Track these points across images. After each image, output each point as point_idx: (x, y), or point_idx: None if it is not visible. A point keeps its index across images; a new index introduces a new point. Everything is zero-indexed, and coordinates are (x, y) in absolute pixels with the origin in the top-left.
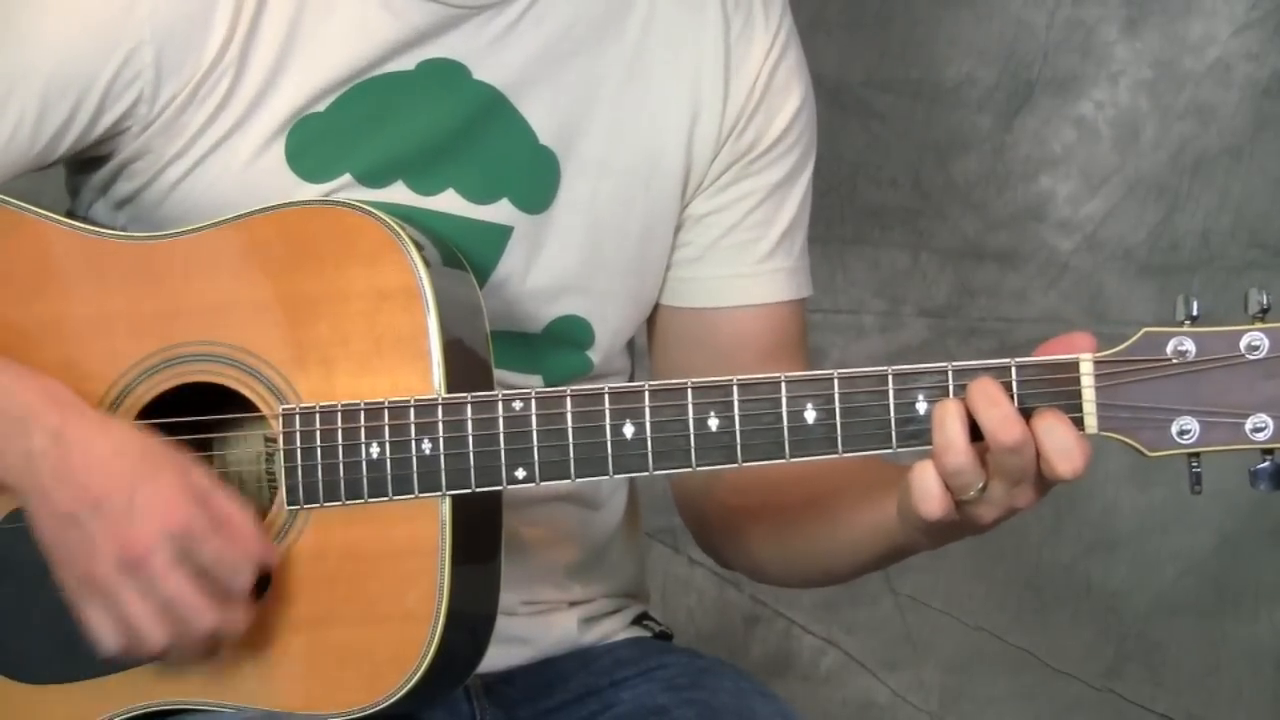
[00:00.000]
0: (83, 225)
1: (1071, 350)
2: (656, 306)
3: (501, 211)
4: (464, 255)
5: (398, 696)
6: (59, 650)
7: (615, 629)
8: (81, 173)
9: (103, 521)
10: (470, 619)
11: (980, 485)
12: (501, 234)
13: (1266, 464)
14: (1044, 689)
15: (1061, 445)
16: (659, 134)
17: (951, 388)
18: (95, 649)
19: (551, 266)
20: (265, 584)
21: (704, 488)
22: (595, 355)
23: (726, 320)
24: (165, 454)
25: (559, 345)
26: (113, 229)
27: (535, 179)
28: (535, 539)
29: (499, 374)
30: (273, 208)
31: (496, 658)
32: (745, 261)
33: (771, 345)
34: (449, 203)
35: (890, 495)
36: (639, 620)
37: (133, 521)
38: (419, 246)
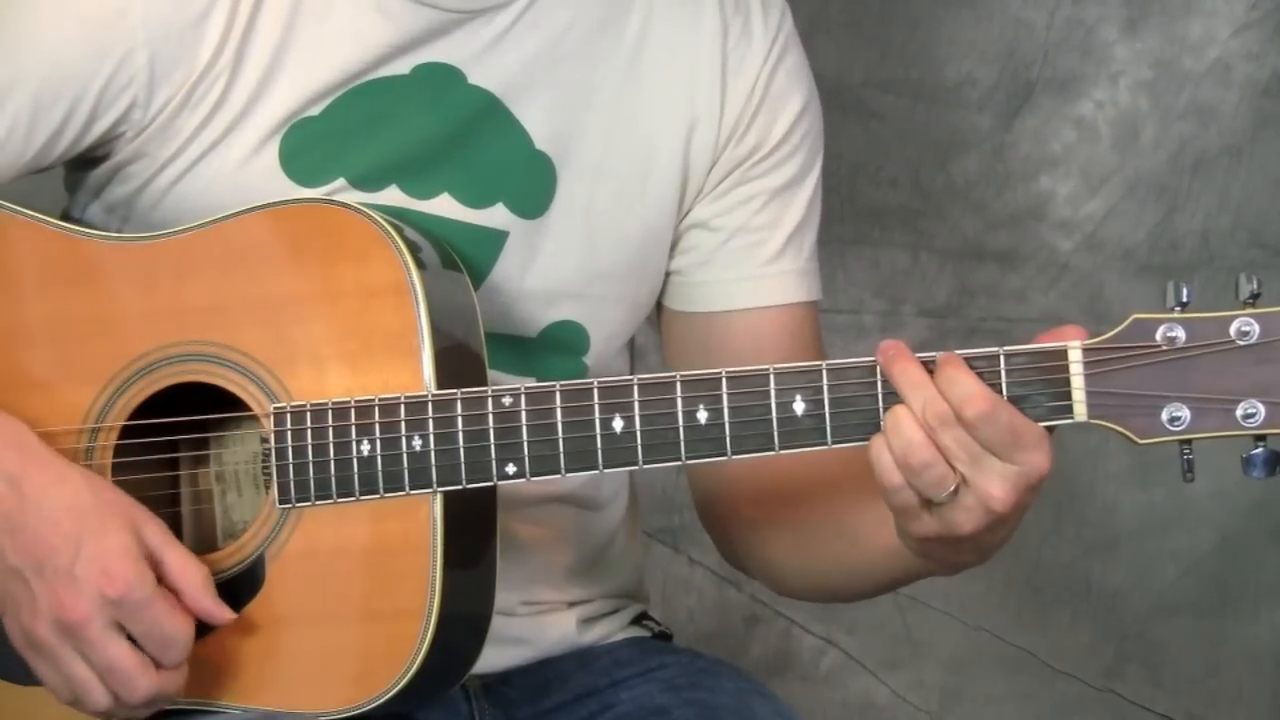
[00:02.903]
0: (74, 227)
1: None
2: (667, 312)
3: (497, 216)
4: (460, 258)
5: (391, 695)
6: None
7: (614, 629)
8: (79, 171)
9: (44, 582)
10: (464, 617)
11: (951, 488)
12: (497, 238)
13: (1259, 450)
14: (1044, 689)
15: (964, 392)
16: (655, 139)
17: None
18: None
19: (547, 271)
20: (256, 589)
21: (724, 497)
22: (590, 360)
23: (737, 323)
24: (118, 510)
25: (553, 350)
26: (106, 231)
27: (531, 184)
28: (534, 540)
29: (492, 375)
30: (262, 206)
31: (495, 658)
32: (753, 263)
33: (785, 348)
34: (444, 207)
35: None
36: (638, 620)
37: (72, 586)
38: (415, 247)
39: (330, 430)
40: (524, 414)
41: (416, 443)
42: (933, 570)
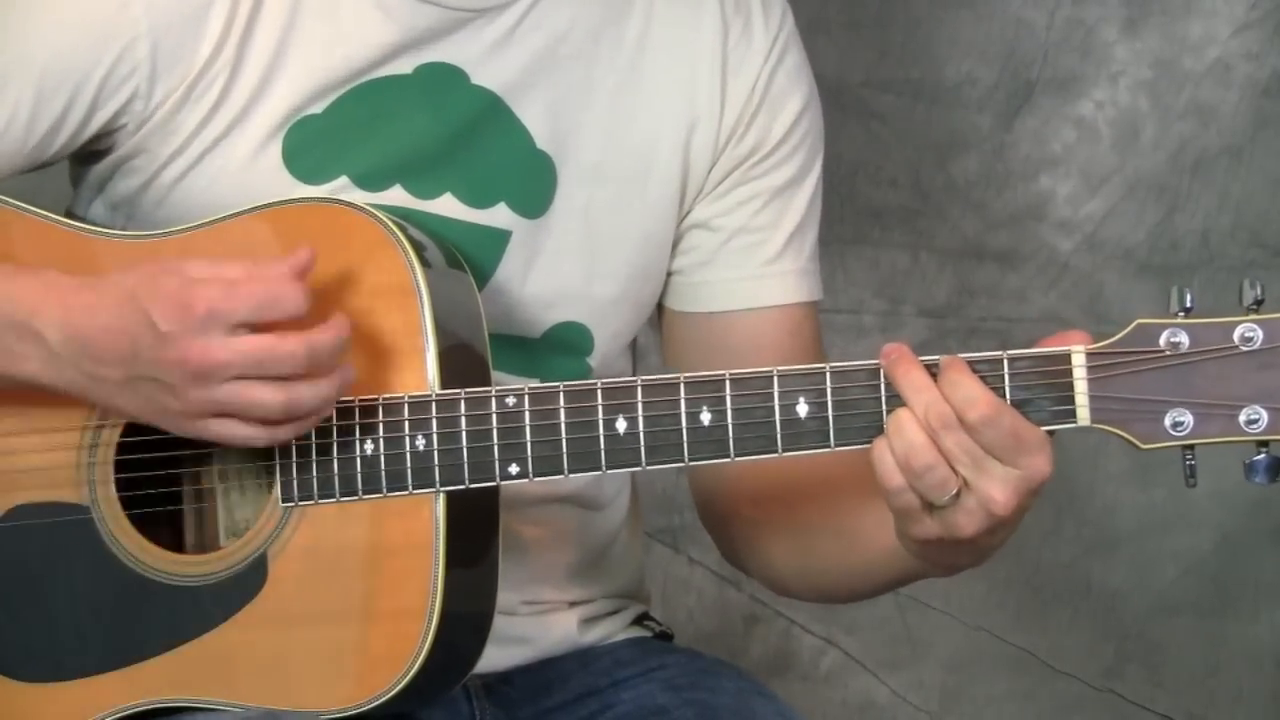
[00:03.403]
0: (79, 224)
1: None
2: (668, 312)
3: (499, 216)
4: (464, 258)
5: (392, 694)
6: (54, 649)
7: (615, 629)
8: (82, 166)
9: (150, 365)
10: (466, 616)
11: (953, 491)
12: (500, 238)
13: (1262, 456)
14: (1044, 689)
15: (967, 396)
16: (655, 140)
17: None
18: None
19: (550, 271)
20: (258, 588)
21: (724, 497)
22: (594, 361)
23: (737, 323)
24: (155, 269)
25: (557, 351)
26: (110, 229)
27: (532, 184)
28: (536, 539)
29: (496, 377)
30: (267, 205)
31: (496, 658)
32: (753, 263)
33: (785, 348)
34: (447, 206)
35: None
36: (639, 621)
37: (170, 343)
38: (420, 247)
39: (334, 429)
40: (528, 414)
41: (420, 442)
42: (930, 572)
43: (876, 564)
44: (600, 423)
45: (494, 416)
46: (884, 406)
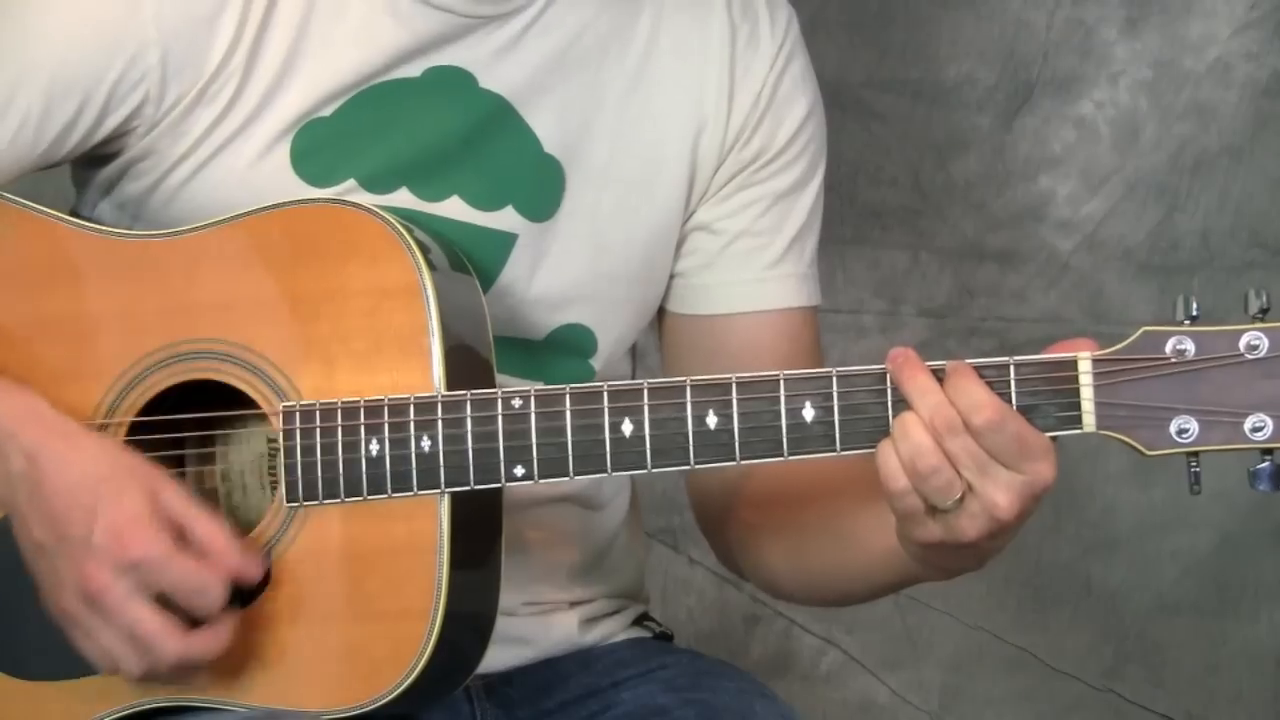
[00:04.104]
0: (85, 223)
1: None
2: (667, 314)
3: (506, 219)
4: (469, 260)
5: (396, 694)
6: (56, 647)
7: (616, 630)
8: (88, 168)
9: (66, 556)
10: (470, 618)
11: (957, 495)
12: (506, 241)
13: (1266, 464)
14: (1044, 689)
15: (973, 401)
16: (663, 143)
17: None
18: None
19: (556, 274)
20: (261, 588)
21: (722, 501)
22: (597, 363)
23: (737, 327)
24: (136, 474)
25: (561, 353)
26: (117, 229)
27: (540, 187)
28: (537, 539)
29: (500, 379)
30: (275, 206)
31: (497, 658)
32: (754, 267)
33: (783, 352)
34: (454, 209)
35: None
36: (640, 621)
37: (90, 555)
38: (425, 249)
39: (339, 430)
40: (533, 416)
41: (425, 443)
42: (929, 576)
43: (874, 567)
44: (606, 425)
45: (499, 418)
46: (890, 411)
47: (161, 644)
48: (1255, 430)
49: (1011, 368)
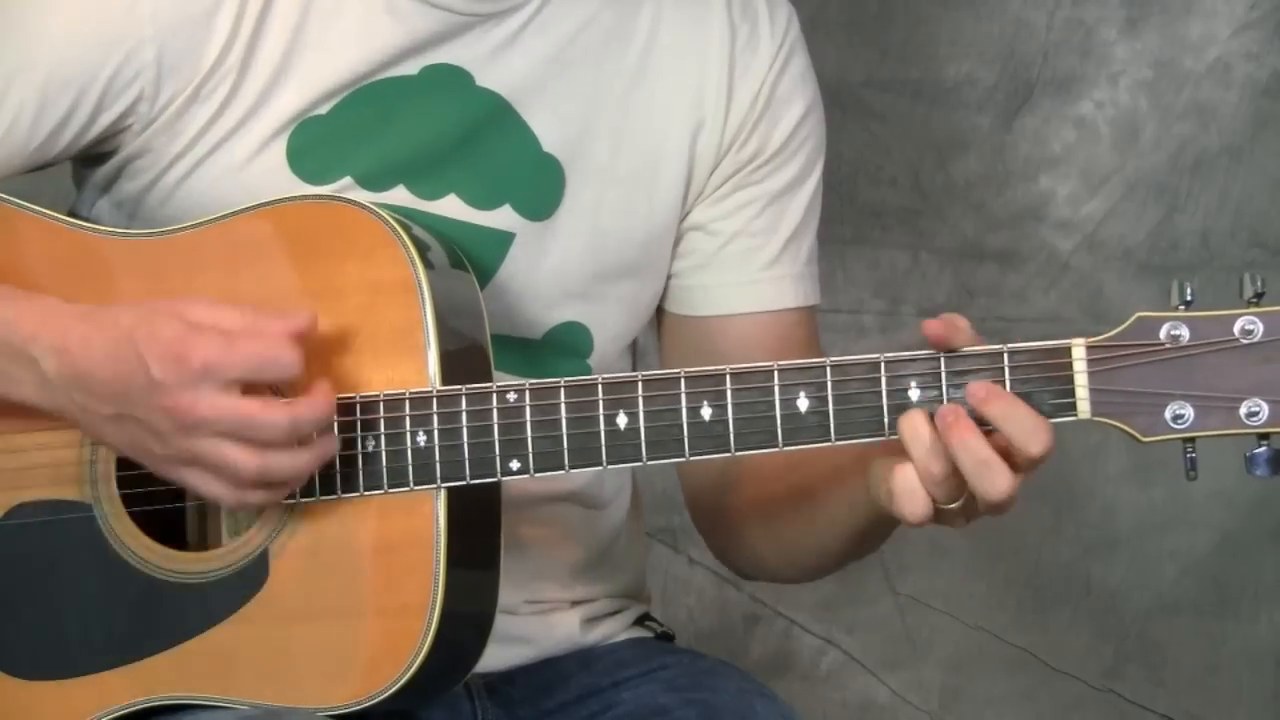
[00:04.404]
0: (82, 222)
1: None
2: (664, 314)
3: (503, 218)
4: (466, 258)
5: (393, 690)
6: (55, 646)
7: (617, 629)
8: (86, 167)
9: (140, 408)
10: (468, 614)
11: (962, 498)
12: (503, 240)
13: (1262, 449)
14: (1044, 689)
15: (1026, 428)
16: (662, 143)
17: (944, 375)
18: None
19: (553, 273)
20: (259, 585)
21: (712, 495)
22: (593, 361)
23: (732, 327)
24: (157, 308)
25: (558, 352)
26: (114, 227)
27: (539, 186)
28: (538, 538)
29: (497, 377)
30: (271, 203)
31: (498, 657)
32: (750, 268)
33: (776, 352)
34: (451, 208)
35: (857, 468)
36: (641, 621)
37: (162, 391)
38: (422, 246)
39: (335, 426)
40: (528, 410)
41: (421, 439)
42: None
43: (839, 516)
44: (601, 418)
45: (495, 412)
46: (885, 400)
47: (271, 415)
48: (1251, 415)
49: (1005, 355)
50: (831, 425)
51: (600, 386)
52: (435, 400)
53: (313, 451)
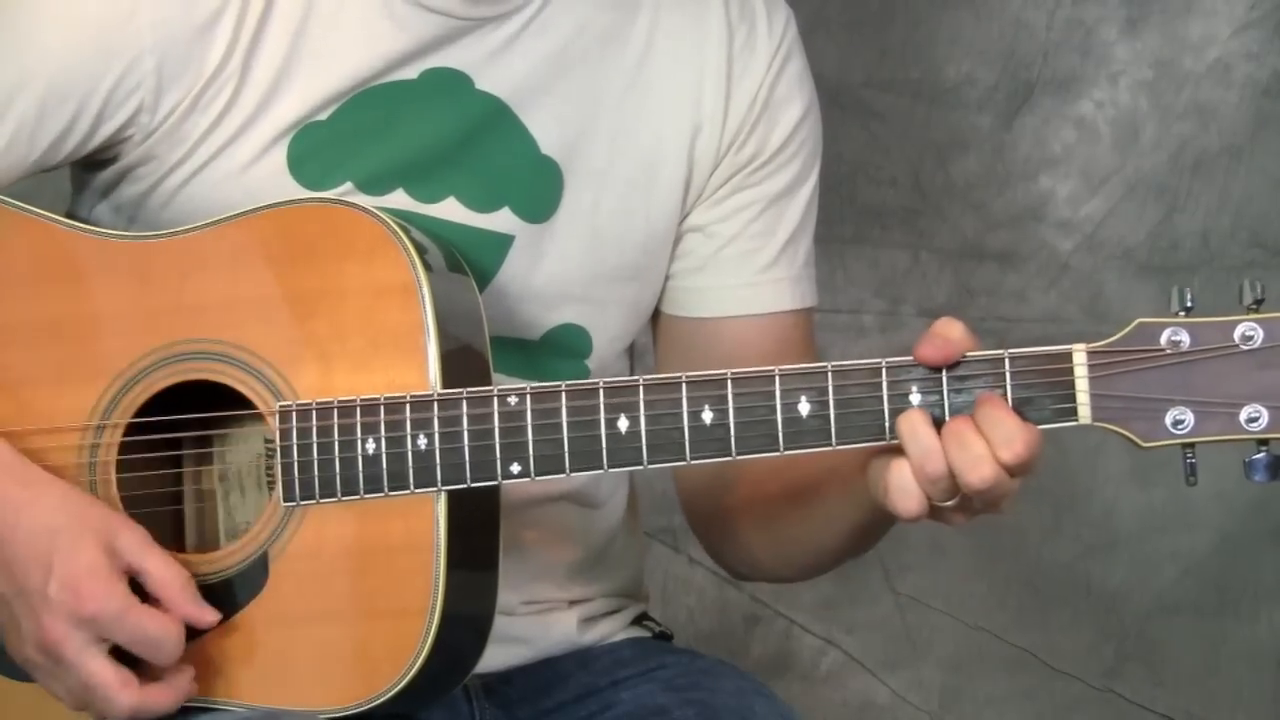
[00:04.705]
0: (81, 225)
1: None
2: (661, 315)
3: (502, 220)
4: (465, 261)
5: (393, 693)
6: None
7: (615, 629)
8: (86, 171)
9: (24, 606)
10: (467, 617)
11: (957, 497)
12: (502, 242)
13: (1262, 455)
14: (1044, 689)
15: (999, 434)
16: (660, 145)
17: (945, 380)
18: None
19: (552, 275)
20: (259, 587)
21: (707, 496)
22: (592, 363)
23: (729, 330)
24: (92, 524)
25: (556, 353)
26: (114, 230)
27: (537, 189)
28: (535, 538)
29: (496, 378)
30: (270, 206)
31: (496, 657)
32: (747, 271)
33: (772, 355)
34: (450, 211)
35: (855, 464)
36: (639, 621)
37: (47, 608)
38: (422, 248)
39: (335, 429)
40: (529, 413)
41: (421, 441)
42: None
43: (834, 513)
44: (602, 422)
45: (496, 415)
46: (886, 405)
47: (116, 696)
48: (1250, 421)
49: (1006, 360)
50: (832, 429)
51: (601, 390)
52: (436, 403)
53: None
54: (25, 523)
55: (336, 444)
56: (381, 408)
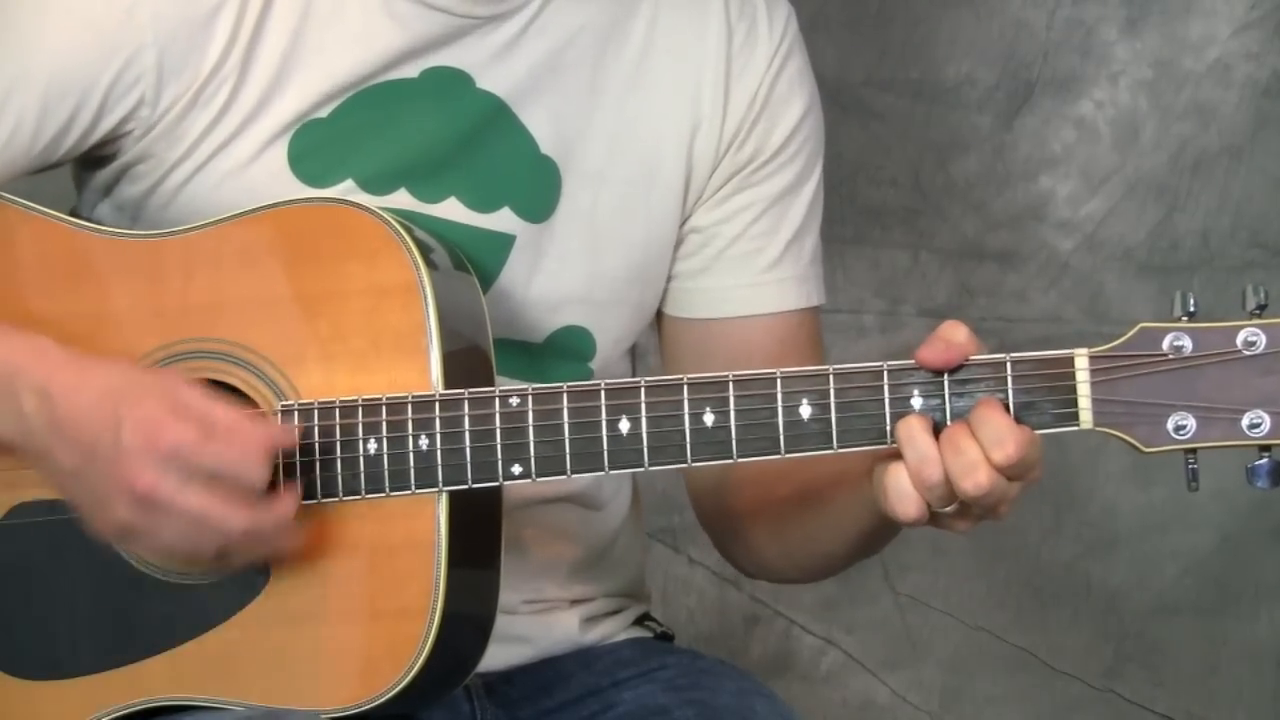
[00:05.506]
0: (84, 223)
1: None
2: (665, 317)
3: (503, 220)
4: (468, 261)
5: (394, 693)
6: (55, 647)
7: (616, 629)
8: (87, 170)
9: (102, 468)
10: (468, 617)
11: (955, 503)
12: (504, 242)
13: (1264, 461)
14: (1044, 689)
15: (990, 435)
16: (659, 145)
17: (947, 384)
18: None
19: (553, 276)
20: (260, 586)
21: (715, 495)
22: (595, 365)
23: (734, 330)
24: (149, 381)
25: (560, 355)
26: (116, 229)
27: (536, 188)
28: (537, 538)
29: (499, 381)
30: (274, 205)
31: (497, 657)
32: (750, 271)
33: (780, 354)
34: (451, 210)
35: (863, 469)
36: (640, 621)
37: (127, 459)
38: (425, 248)
39: (337, 428)
40: (531, 414)
41: (423, 442)
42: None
43: (844, 519)
44: (604, 423)
45: (497, 416)
46: (887, 409)
47: (227, 517)
48: (1253, 427)
49: (1008, 364)
50: (834, 433)
51: (603, 392)
52: (438, 404)
53: (265, 553)
54: (84, 396)
55: (338, 444)
56: (383, 408)
